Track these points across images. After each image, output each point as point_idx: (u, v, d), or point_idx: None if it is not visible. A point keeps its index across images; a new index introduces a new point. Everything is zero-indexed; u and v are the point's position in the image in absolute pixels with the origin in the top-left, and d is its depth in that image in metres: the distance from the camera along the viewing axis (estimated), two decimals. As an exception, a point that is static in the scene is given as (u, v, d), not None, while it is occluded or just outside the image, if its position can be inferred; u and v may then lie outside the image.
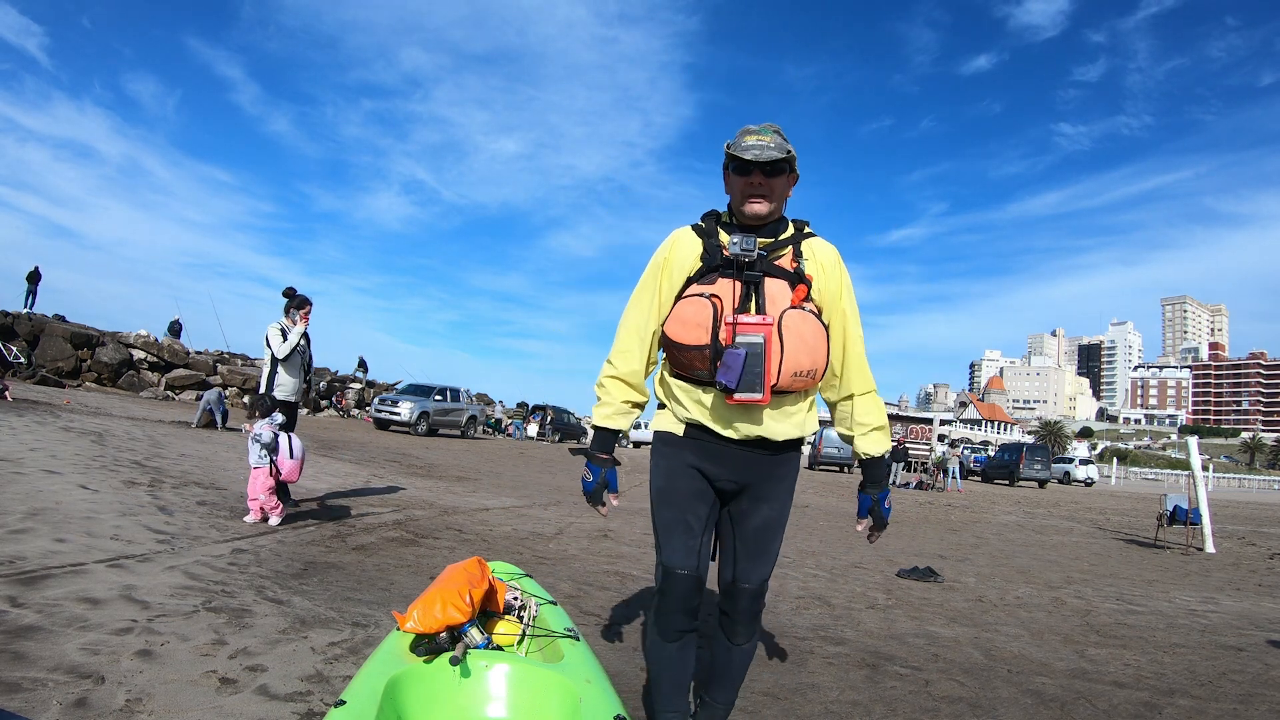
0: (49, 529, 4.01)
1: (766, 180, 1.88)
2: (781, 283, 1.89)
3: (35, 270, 22.79)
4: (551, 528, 6.63)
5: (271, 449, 5.05)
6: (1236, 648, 4.03)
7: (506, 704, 1.67)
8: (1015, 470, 29.52)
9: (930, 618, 4.30)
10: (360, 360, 29.84)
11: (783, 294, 1.88)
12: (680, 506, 1.97)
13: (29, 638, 2.48)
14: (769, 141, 1.87)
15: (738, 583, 2.02)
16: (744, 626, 2.05)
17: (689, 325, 1.86)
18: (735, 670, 2.11)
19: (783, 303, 1.87)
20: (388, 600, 3.55)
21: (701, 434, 1.95)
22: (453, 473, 11.24)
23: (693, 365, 1.90)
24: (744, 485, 1.98)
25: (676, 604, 1.94)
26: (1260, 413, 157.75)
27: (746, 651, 2.10)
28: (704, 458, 1.96)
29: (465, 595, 1.76)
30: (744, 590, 2.02)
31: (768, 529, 2.01)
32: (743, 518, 2.01)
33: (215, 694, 2.24)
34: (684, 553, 1.95)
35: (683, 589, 1.94)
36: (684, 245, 1.97)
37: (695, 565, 1.95)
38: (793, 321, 1.83)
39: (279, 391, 5.83)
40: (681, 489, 1.97)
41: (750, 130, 1.92)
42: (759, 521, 2.00)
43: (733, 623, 2.05)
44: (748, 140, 1.89)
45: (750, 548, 2.01)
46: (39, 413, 10.55)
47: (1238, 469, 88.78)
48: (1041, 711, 2.79)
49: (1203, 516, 9.36)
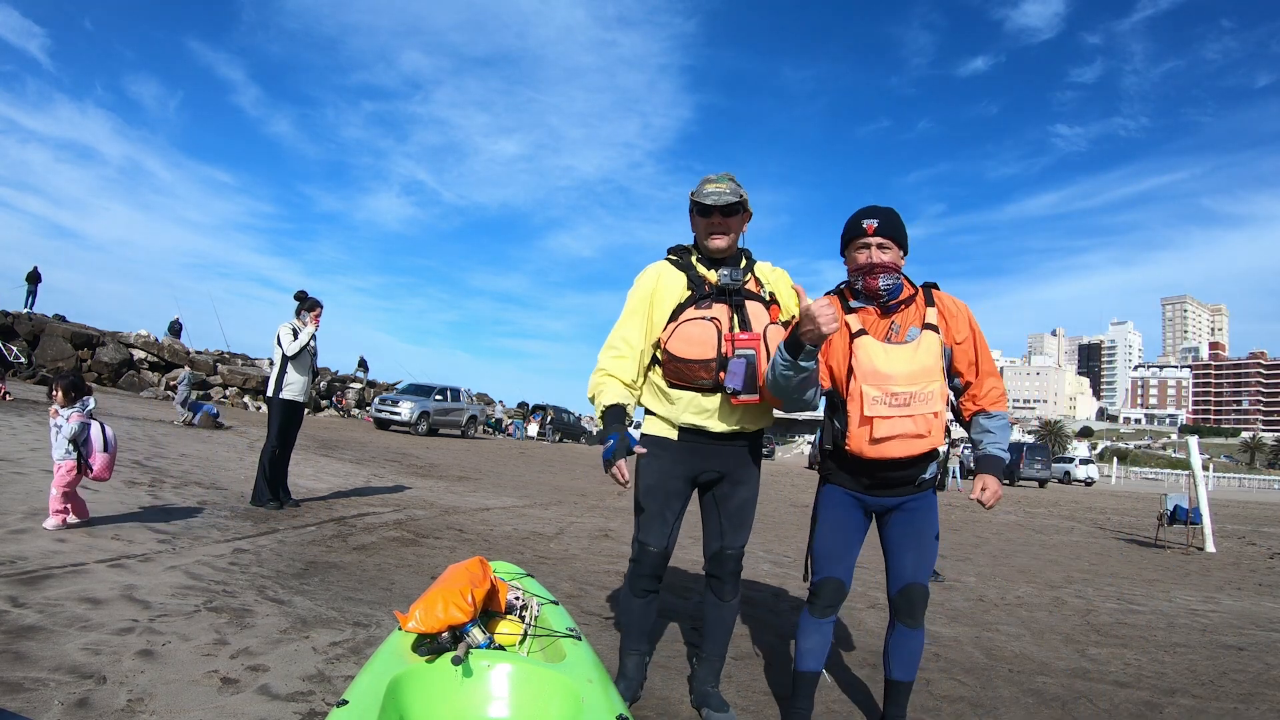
0: (49, 529, 4.01)
1: (724, 220, 2.36)
2: (758, 305, 2.37)
3: (35, 271, 22.77)
4: (552, 527, 6.63)
5: (79, 441, 4.19)
6: (1237, 647, 4.03)
7: (508, 703, 1.67)
8: (1015, 470, 29.51)
9: (931, 617, 4.30)
10: (360, 360, 29.82)
11: (760, 313, 2.35)
12: (662, 503, 2.43)
13: (30, 638, 2.48)
14: (725, 189, 2.33)
15: (724, 550, 2.50)
16: (730, 585, 2.53)
17: (694, 343, 2.27)
18: (725, 626, 2.57)
19: (763, 320, 2.33)
20: (389, 600, 3.55)
21: (694, 435, 2.39)
22: (453, 472, 11.24)
23: (696, 376, 2.31)
24: (724, 473, 2.45)
25: (647, 570, 2.46)
26: (1260, 412, 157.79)
27: (733, 607, 2.57)
28: (693, 456, 2.41)
29: (467, 595, 1.75)
30: (729, 555, 2.50)
31: (745, 506, 2.50)
32: (725, 499, 2.48)
33: (217, 694, 2.24)
34: (658, 536, 2.44)
35: (653, 560, 2.45)
36: (669, 277, 2.41)
37: (665, 545, 2.46)
38: (774, 335, 2.29)
39: (288, 391, 5.80)
40: (667, 489, 2.43)
41: (710, 179, 2.38)
42: (738, 500, 2.48)
43: (721, 583, 2.52)
44: (708, 188, 2.34)
45: (733, 521, 2.49)
46: (39, 413, 10.55)
47: (1238, 469, 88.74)
48: (1042, 711, 2.80)
49: (1203, 516, 9.36)
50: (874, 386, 2.16)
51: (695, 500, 2.57)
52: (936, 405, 2.19)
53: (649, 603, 2.51)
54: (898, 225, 2.27)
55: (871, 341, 2.22)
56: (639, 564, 2.47)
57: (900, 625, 2.35)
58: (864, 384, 2.17)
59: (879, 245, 2.24)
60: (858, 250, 2.28)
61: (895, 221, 2.27)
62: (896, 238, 2.26)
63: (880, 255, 2.24)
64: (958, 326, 2.31)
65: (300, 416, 6.05)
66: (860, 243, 2.27)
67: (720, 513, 2.48)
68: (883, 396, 2.15)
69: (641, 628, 2.53)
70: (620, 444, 2.30)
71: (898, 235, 2.26)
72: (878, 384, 2.16)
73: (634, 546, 2.50)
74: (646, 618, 2.53)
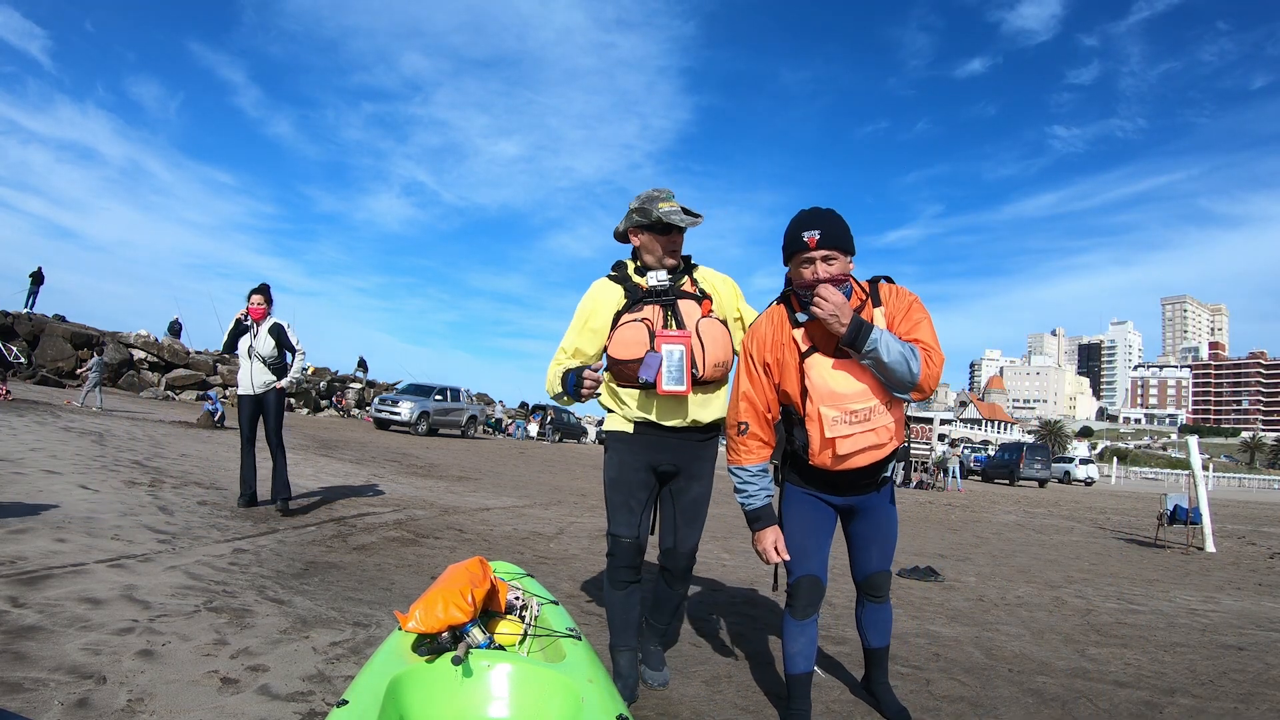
0: (49, 529, 4.01)
1: (679, 237, 2.55)
2: (690, 302, 2.53)
3: (38, 271, 22.75)
4: (552, 527, 6.63)
5: None
6: (1237, 647, 4.03)
7: (508, 704, 1.67)
8: (1015, 470, 29.48)
9: (931, 617, 4.30)
10: (360, 360, 29.82)
11: (693, 310, 2.52)
12: (626, 493, 2.56)
13: (30, 638, 2.48)
14: (678, 208, 2.48)
15: (677, 548, 2.62)
16: (680, 581, 2.68)
17: (628, 344, 2.44)
18: (672, 603, 2.72)
19: (695, 316, 2.50)
20: (389, 600, 3.55)
21: (648, 428, 2.55)
22: (453, 472, 11.23)
23: (633, 374, 2.46)
24: (680, 467, 2.59)
25: (623, 561, 2.55)
26: (1260, 412, 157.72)
27: (680, 593, 2.73)
28: (649, 448, 2.55)
29: (467, 595, 1.75)
30: (681, 553, 2.63)
31: (698, 502, 2.63)
32: (680, 494, 2.61)
33: (217, 694, 2.24)
34: (627, 526, 2.55)
35: (626, 550, 2.54)
36: (607, 290, 2.58)
37: (635, 535, 2.55)
38: (706, 327, 2.48)
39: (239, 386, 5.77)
40: (629, 480, 2.56)
41: (661, 198, 2.50)
42: (692, 496, 2.61)
43: (672, 577, 2.67)
44: (664, 207, 2.47)
45: (686, 517, 2.61)
46: (39, 413, 10.56)
47: (1238, 468, 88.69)
48: (1042, 710, 2.79)
49: (1203, 516, 9.35)
50: (832, 407, 2.14)
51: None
52: (896, 413, 2.22)
53: (630, 594, 2.58)
54: (842, 231, 2.16)
55: (823, 361, 2.16)
56: (614, 556, 2.57)
57: (869, 603, 2.54)
58: (821, 405, 2.14)
59: (824, 259, 2.13)
60: (802, 265, 2.17)
61: (839, 228, 2.16)
62: (841, 245, 2.15)
63: (826, 269, 2.13)
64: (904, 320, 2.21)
65: (255, 407, 5.71)
66: (803, 258, 2.16)
67: (675, 507, 2.62)
68: (842, 416, 2.13)
69: (627, 621, 2.59)
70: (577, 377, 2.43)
71: (842, 242, 2.15)
72: (835, 404, 2.14)
73: (608, 540, 2.60)
74: (630, 610, 2.59)
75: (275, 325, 5.79)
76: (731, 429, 2.35)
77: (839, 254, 2.15)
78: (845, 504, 2.38)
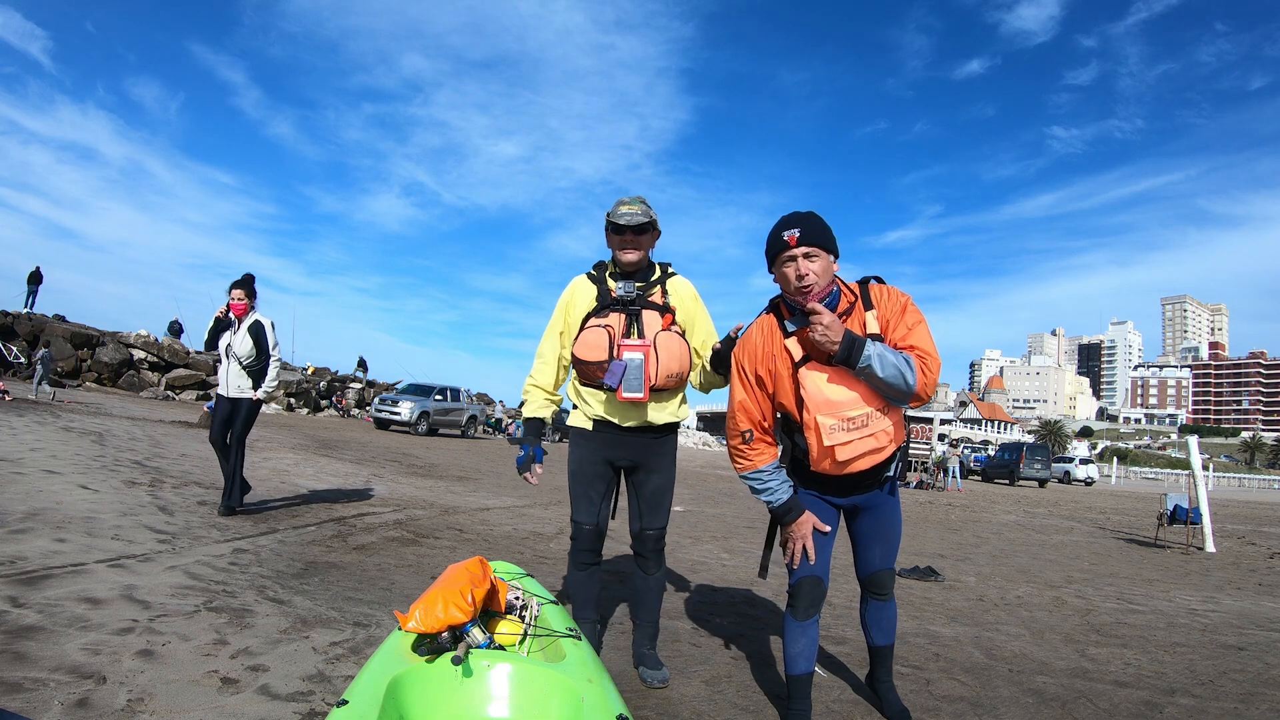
0: (49, 529, 4.01)
1: (635, 237, 2.67)
2: (654, 312, 2.67)
3: (37, 271, 22.74)
4: (552, 527, 6.63)
5: None
6: (1237, 647, 4.03)
7: (508, 703, 1.67)
8: (1015, 470, 29.48)
9: (931, 617, 4.30)
10: (360, 360, 29.84)
11: (655, 321, 2.66)
12: (585, 485, 2.77)
13: (30, 638, 2.48)
14: (636, 210, 2.65)
15: (644, 530, 2.82)
16: (652, 562, 2.84)
17: (591, 347, 2.60)
18: (652, 595, 2.87)
19: (656, 327, 2.65)
20: (389, 600, 3.55)
21: (606, 427, 2.74)
22: (453, 472, 11.23)
23: (595, 376, 2.64)
24: (637, 462, 2.77)
25: (583, 544, 2.77)
26: (1260, 412, 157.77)
27: (658, 580, 2.87)
28: (607, 445, 2.75)
29: (467, 595, 1.75)
30: (649, 535, 2.81)
31: (659, 491, 2.81)
32: (641, 485, 2.81)
33: (217, 694, 2.24)
34: (587, 514, 2.76)
35: (586, 536, 2.76)
36: (582, 290, 2.76)
37: (595, 521, 2.77)
38: (663, 340, 2.62)
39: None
40: (587, 472, 2.77)
41: (624, 202, 2.68)
42: (653, 487, 2.80)
43: (645, 559, 2.84)
44: (622, 209, 2.65)
45: (649, 505, 2.80)
46: (39, 413, 10.56)
47: (1238, 468, 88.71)
48: (1042, 710, 2.79)
49: (1203, 516, 9.36)
50: (829, 415, 2.13)
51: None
52: (895, 416, 2.21)
53: (590, 574, 2.81)
54: (822, 230, 2.17)
55: (816, 371, 2.16)
56: (576, 540, 2.79)
57: (873, 600, 2.55)
58: (818, 415, 2.13)
59: (805, 255, 2.13)
60: (785, 265, 2.17)
61: (819, 227, 2.17)
62: (822, 243, 2.15)
63: (808, 265, 2.13)
64: (899, 325, 2.20)
65: (230, 410, 5.36)
66: (785, 256, 2.15)
67: (638, 497, 2.82)
68: (840, 424, 2.13)
69: (586, 597, 2.82)
70: (528, 457, 2.76)
71: (823, 240, 2.15)
72: (831, 412, 2.13)
73: (571, 526, 2.81)
74: (589, 587, 2.82)
75: (255, 323, 5.38)
76: (735, 438, 2.33)
77: (820, 251, 2.14)
78: (848, 503, 2.39)
